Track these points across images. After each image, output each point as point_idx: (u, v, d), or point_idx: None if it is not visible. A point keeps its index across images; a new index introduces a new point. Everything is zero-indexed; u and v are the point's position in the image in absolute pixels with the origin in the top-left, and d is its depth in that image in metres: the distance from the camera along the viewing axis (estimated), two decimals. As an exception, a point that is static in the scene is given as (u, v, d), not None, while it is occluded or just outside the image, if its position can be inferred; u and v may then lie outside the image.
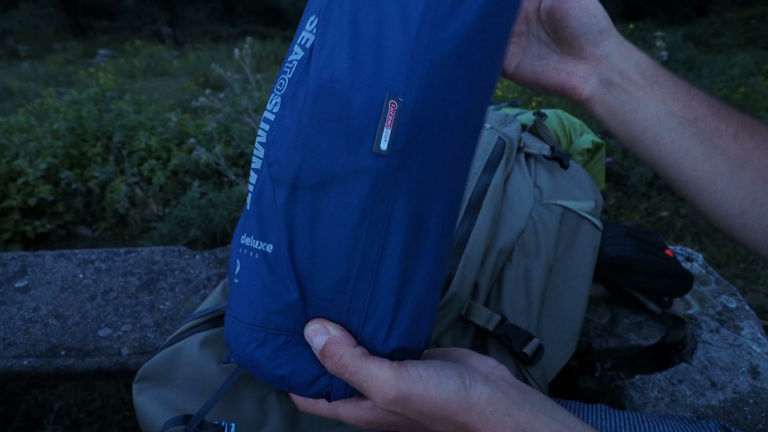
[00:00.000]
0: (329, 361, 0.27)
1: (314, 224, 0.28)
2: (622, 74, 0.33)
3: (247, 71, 2.38)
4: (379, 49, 0.25)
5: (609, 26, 0.33)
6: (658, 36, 2.29)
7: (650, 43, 4.95)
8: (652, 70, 0.33)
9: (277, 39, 8.64)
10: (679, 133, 0.32)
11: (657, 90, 0.32)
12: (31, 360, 0.68)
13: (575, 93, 0.35)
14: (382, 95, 0.25)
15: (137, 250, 0.90)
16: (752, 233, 0.32)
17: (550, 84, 0.36)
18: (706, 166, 0.32)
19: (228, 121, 2.49)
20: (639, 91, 0.33)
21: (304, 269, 0.28)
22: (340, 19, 0.26)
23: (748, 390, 0.63)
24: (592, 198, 0.62)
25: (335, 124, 0.26)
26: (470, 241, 0.45)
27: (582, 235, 0.58)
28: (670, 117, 0.32)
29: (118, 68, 5.78)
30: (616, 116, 0.34)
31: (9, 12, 12.50)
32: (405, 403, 0.27)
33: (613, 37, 0.33)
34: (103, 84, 3.24)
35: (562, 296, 0.54)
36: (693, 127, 0.32)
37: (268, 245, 0.29)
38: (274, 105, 0.30)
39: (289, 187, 0.28)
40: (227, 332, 0.33)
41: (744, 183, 0.31)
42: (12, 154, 2.10)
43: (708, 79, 4.12)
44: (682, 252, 0.88)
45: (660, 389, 0.64)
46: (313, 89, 0.27)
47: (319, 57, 0.27)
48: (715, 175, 0.31)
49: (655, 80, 0.33)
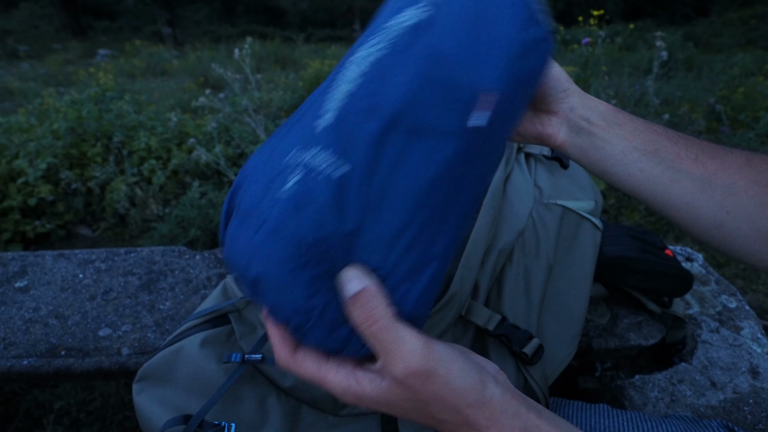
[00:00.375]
0: (360, 309, 0.26)
1: (398, 164, 0.28)
2: (588, 121, 0.38)
3: (247, 71, 2.38)
4: (490, 46, 0.30)
5: (570, 85, 0.39)
6: (658, 36, 2.29)
7: (650, 43, 4.95)
8: (612, 115, 0.38)
9: (277, 39, 8.64)
10: (645, 164, 0.36)
11: (619, 130, 0.37)
12: (31, 360, 0.68)
13: (551, 140, 0.41)
14: (487, 83, 0.30)
15: (137, 250, 0.90)
16: (733, 243, 0.35)
17: (528, 134, 0.42)
18: (676, 188, 0.36)
19: (228, 121, 2.49)
20: (603, 132, 0.38)
21: (371, 204, 0.27)
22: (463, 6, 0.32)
23: (748, 390, 0.63)
24: (592, 198, 0.62)
25: (445, 88, 0.29)
26: (470, 241, 0.45)
27: (582, 235, 0.58)
28: (633, 151, 0.37)
29: (118, 68, 5.78)
30: (588, 156, 0.39)
31: (9, 12, 12.50)
32: (425, 380, 0.26)
33: (576, 93, 0.39)
34: (103, 84, 3.24)
35: (563, 296, 0.54)
36: (656, 157, 0.36)
37: (343, 166, 0.28)
38: (378, 47, 0.31)
39: (386, 122, 0.28)
40: (242, 246, 0.30)
41: (714, 199, 0.34)
42: (12, 154, 2.10)
43: (708, 79, 4.11)
44: (682, 252, 0.88)
45: (660, 389, 0.64)
46: (431, 51, 0.30)
47: (443, 28, 0.31)
48: (686, 195, 0.35)
49: (616, 122, 0.38)
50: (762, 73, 4.14)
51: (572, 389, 0.77)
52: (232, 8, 15.67)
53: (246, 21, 14.64)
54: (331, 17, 15.02)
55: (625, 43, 5.06)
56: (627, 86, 3.15)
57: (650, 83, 2.48)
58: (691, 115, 2.61)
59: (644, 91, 2.62)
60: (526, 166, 0.58)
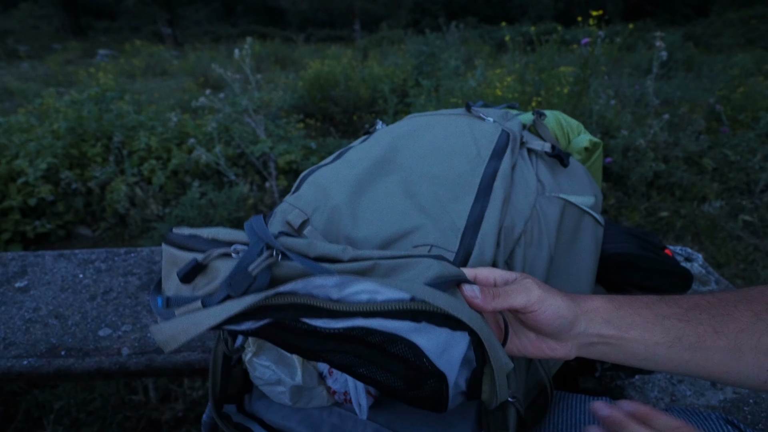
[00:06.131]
0: None
1: None
2: (599, 336, 0.37)
3: (247, 71, 2.38)
4: None
5: (575, 316, 0.37)
6: (657, 36, 2.29)
7: (650, 44, 4.94)
8: (620, 318, 0.37)
9: (277, 39, 8.65)
10: (673, 354, 0.36)
11: (633, 332, 0.36)
12: (31, 360, 0.68)
13: (564, 358, 0.40)
14: None
15: (137, 250, 0.90)
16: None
17: (536, 356, 0.40)
18: (710, 365, 0.36)
19: (228, 121, 2.49)
20: (618, 341, 0.37)
21: None
22: None
23: (748, 390, 0.63)
24: (592, 194, 0.62)
25: None
26: (485, 219, 0.45)
27: (584, 229, 0.58)
28: (656, 346, 0.36)
29: (118, 68, 5.78)
30: (611, 358, 0.38)
31: (9, 12, 12.50)
32: None
33: (581, 317, 0.37)
34: (103, 84, 3.24)
35: (566, 288, 0.53)
36: (680, 345, 0.36)
37: None
38: None
39: None
40: None
41: (750, 362, 0.35)
42: (12, 154, 2.10)
43: (708, 79, 4.11)
44: (682, 252, 0.88)
45: (660, 389, 0.64)
46: None
47: None
48: (721, 366, 0.35)
49: (627, 325, 0.37)
50: (762, 73, 4.14)
51: (572, 389, 0.77)
52: (232, 8, 15.67)
53: (246, 21, 14.64)
54: (331, 17, 15.02)
55: (624, 43, 5.07)
56: (627, 86, 3.15)
57: (650, 83, 2.48)
58: (691, 115, 2.61)
59: (644, 91, 2.62)
60: (529, 160, 0.58)
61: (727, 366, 0.35)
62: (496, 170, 0.50)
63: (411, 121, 0.64)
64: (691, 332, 0.36)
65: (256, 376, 0.52)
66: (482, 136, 0.55)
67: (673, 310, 0.37)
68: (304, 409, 0.53)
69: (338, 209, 0.46)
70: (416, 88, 3.47)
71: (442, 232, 0.43)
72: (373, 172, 0.51)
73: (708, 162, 2.30)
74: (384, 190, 0.48)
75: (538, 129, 0.68)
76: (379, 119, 0.72)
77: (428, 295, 0.29)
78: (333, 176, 0.52)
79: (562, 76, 2.52)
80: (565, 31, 5.63)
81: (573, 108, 2.38)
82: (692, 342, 0.35)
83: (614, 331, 0.37)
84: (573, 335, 0.37)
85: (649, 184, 2.22)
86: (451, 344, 0.33)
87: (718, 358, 0.35)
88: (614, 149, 2.24)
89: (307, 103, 3.64)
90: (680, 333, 0.36)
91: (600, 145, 0.75)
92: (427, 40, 4.37)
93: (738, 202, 2.12)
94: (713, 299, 0.37)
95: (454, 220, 0.44)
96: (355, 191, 0.48)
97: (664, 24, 10.04)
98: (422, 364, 0.33)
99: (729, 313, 0.36)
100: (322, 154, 2.46)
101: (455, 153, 0.52)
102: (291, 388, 0.51)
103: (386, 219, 0.45)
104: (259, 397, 0.55)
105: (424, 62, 3.93)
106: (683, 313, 0.36)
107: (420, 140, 0.56)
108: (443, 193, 0.47)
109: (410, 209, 0.45)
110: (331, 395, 0.53)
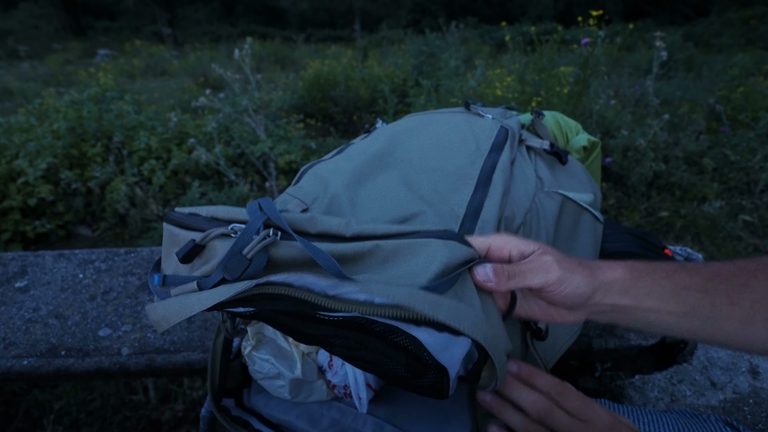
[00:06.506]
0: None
1: None
2: (613, 306, 0.37)
3: (247, 71, 2.38)
4: None
5: (593, 290, 0.36)
6: (657, 36, 2.29)
7: (650, 44, 4.94)
8: (636, 289, 0.36)
9: (277, 39, 8.65)
10: (684, 323, 0.36)
11: (647, 302, 0.36)
12: (31, 360, 0.68)
13: (572, 323, 0.39)
14: None
15: (137, 250, 0.90)
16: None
17: (543, 320, 0.40)
18: (719, 333, 0.35)
19: (228, 121, 2.49)
20: (632, 310, 0.36)
21: None
22: None
23: (748, 390, 0.63)
24: (590, 191, 0.62)
25: None
26: (485, 207, 0.45)
27: (583, 225, 0.58)
28: (668, 316, 0.36)
29: (118, 68, 5.78)
30: (618, 324, 0.38)
31: (9, 12, 12.50)
32: None
33: (599, 291, 0.36)
34: (103, 84, 3.24)
35: None
36: (693, 315, 0.35)
37: None
38: None
39: None
40: None
41: (760, 332, 0.35)
42: (12, 154, 2.10)
43: (708, 80, 4.11)
44: (682, 252, 0.88)
45: (660, 389, 0.64)
46: None
47: None
48: (732, 334, 0.35)
49: (643, 294, 0.36)
50: (762, 73, 4.14)
51: (572, 389, 0.77)
52: (232, 8, 15.67)
53: (246, 21, 14.64)
54: (331, 17, 15.02)
55: (624, 43, 5.06)
56: (627, 86, 3.15)
57: (650, 83, 2.48)
58: (691, 115, 2.61)
59: (644, 91, 2.62)
60: (528, 157, 0.58)
61: (737, 335, 0.35)
62: (495, 163, 0.50)
63: (411, 118, 0.64)
64: (707, 303, 0.35)
65: (255, 370, 0.52)
66: (481, 132, 0.56)
67: (693, 280, 0.36)
68: (303, 403, 0.53)
69: (337, 197, 0.47)
70: (416, 88, 3.47)
71: (441, 218, 0.43)
72: (373, 164, 0.51)
73: (708, 162, 2.30)
74: (383, 181, 0.49)
75: (536, 128, 0.68)
76: (380, 119, 0.72)
77: (429, 308, 0.28)
78: (333, 169, 0.52)
79: (562, 76, 2.52)
80: (565, 31, 5.62)
81: (573, 108, 2.38)
82: (706, 313, 0.35)
83: (629, 300, 0.36)
84: (587, 306, 0.37)
85: (649, 184, 2.22)
86: (453, 344, 0.33)
87: (729, 327, 0.35)
88: (614, 149, 2.24)
89: (307, 103, 3.64)
90: (696, 304, 0.35)
91: (598, 145, 0.75)
92: (427, 40, 4.37)
93: (738, 202, 2.12)
94: (734, 267, 0.36)
95: (454, 208, 0.44)
96: (354, 181, 0.48)
97: (664, 24, 10.04)
98: (423, 357, 0.33)
99: (747, 282, 0.35)
100: (322, 154, 2.47)
101: (454, 147, 0.53)
102: (290, 381, 0.51)
103: (385, 207, 0.45)
104: (258, 391, 0.55)
105: (424, 62, 3.93)
106: (703, 284, 0.36)
107: (419, 136, 0.57)
108: (443, 185, 0.47)
109: (410, 198, 0.45)
110: (330, 389, 0.53)
